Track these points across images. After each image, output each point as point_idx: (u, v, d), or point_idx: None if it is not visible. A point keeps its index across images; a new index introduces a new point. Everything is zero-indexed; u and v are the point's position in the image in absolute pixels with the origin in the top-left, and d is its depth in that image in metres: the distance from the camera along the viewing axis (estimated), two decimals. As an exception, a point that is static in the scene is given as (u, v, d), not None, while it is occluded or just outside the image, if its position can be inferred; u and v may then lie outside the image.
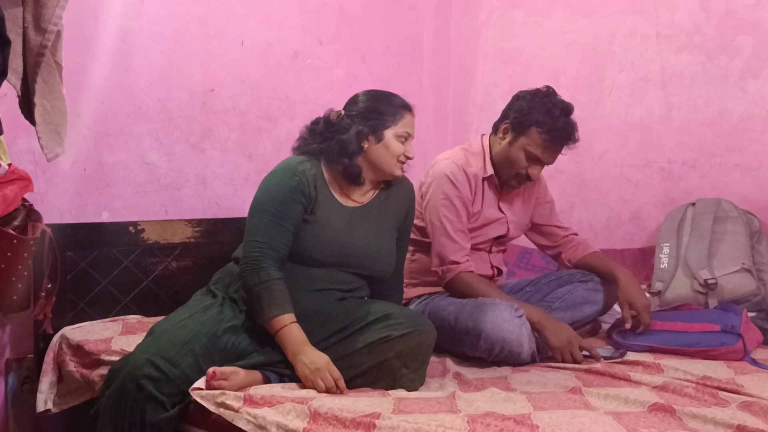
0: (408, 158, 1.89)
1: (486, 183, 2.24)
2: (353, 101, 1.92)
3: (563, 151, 2.18)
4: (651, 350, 2.03)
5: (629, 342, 2.08)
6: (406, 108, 1.89)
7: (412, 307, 2.21)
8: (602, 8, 3.01)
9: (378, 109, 1.86)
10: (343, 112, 1.90)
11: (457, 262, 2.12)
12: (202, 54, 2.58)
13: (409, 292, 2.26)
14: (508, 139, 2.18)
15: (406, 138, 1.87)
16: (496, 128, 2.24)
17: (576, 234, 2.43)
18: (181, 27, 2.52)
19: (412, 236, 2.27)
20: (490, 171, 2.23)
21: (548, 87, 2.19)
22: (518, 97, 2.20)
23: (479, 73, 3.44)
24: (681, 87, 2.81)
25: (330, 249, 1.82)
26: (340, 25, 3.08)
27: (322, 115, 1.92)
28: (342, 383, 1.63)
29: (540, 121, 2.10)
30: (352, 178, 1.87)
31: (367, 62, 3.21)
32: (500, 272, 2.37)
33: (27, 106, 1.72)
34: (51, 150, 1.73)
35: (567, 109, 2.14)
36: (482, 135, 2.30)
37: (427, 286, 2.25)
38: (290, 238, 1.79)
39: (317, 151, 1.88)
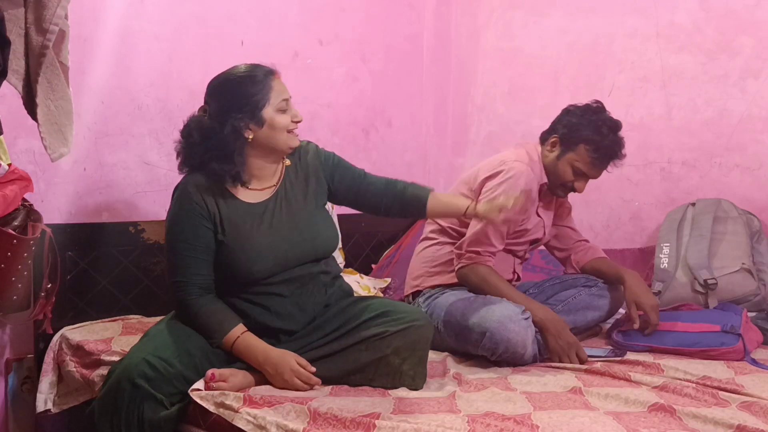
0: (297, 122, 1.76)
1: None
2: (212, 92, 1.75)
3: (608, 167, 2.19)
4: (651, 350, 2.04)
5: (629, 342, 2.08)
6: (270, 75, 1.74)
7: (422, 297, 2.20)
8: (602, 8, 3.01)
9: (244, 92, 1.70)
10: (204, 108, 1.75)
11: (479, 253, 2.12)
12: (202, 54, 2.57)
13: (425, 282, 2.25)
14: (556, 152, 2.20)
15: (286, 106, 1.75)
16: (543, 139, 2.26)
17: (587, 241, 2.44)
18: (181, 27, 2.51)
19: (448, 225, 2.24)
20: (545, 179, 2.24)
21: (598, 102, 2.22)
22: (568, 112, 2.22)
23: (479, 73, 3.44)
24: (681, 87, 2.81)
25: (268, 254, 1.73)
26: (340, 25, 3.08)
27: (185, 122, 1.76)
28: (313, 381, 1.65)
29: (589, 139, 2.13)
30: (236, 180, 1.74)
31: (367, 62, 3.21)
32: (519, 278, 2.38)
33: (31, 107, 1.71)
34: (55, 150, 1.72)
35: (615, 126, 2.16)
36: (536, 144, 2.29)
37: (444, 275, 2.23)
38: (207, 264, 1.73)
39: (203, 163, 1.73)
